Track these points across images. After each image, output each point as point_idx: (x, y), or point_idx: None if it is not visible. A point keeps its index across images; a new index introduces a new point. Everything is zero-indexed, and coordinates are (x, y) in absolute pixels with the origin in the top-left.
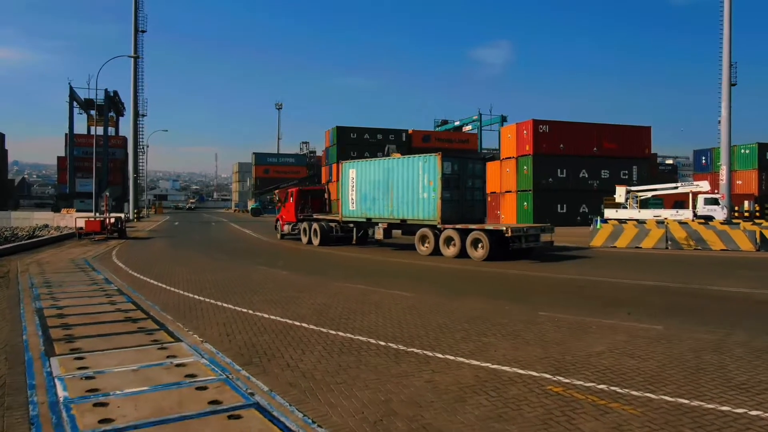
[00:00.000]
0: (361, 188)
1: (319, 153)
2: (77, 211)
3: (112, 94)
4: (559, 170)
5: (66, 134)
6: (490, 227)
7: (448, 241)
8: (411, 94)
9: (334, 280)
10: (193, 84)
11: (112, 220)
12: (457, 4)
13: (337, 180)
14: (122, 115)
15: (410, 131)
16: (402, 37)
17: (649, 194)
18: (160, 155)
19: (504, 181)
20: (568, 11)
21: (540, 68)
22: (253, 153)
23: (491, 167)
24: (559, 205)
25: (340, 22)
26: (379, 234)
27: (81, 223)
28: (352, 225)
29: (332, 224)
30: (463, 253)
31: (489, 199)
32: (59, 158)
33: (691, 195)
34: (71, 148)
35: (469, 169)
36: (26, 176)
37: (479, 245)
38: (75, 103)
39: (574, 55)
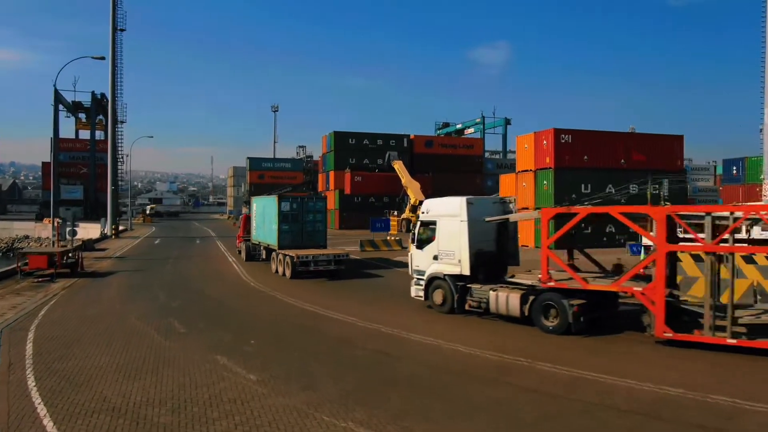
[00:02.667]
0: (257, 218)
1: (317, 157)
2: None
3: (99, 97)
4: (582, 185)
5: (51, 138)
6: (290, 253)
7: (280, 262)
8: (411, 94)
9: (320, 402)
10: (192, 83)
11: (78, 245)
12: (454, 4)
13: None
14: None
15: (412, 137)
16: (401, 37)
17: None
18: (157, 157)
19: (520, 197)
20: (566, 12)
21: (540, 69)
22: (248, 158)
23: (505, 180)
24: (582, 225)
25: (339, 22)
26: (263, 254)
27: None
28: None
29: (256, 245)
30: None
31: None
32: (44, 163)
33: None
34: (56, 152)
35: (310, 206)
36: (22, 178)
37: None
38: (61, 106)
39: (575, 56)
